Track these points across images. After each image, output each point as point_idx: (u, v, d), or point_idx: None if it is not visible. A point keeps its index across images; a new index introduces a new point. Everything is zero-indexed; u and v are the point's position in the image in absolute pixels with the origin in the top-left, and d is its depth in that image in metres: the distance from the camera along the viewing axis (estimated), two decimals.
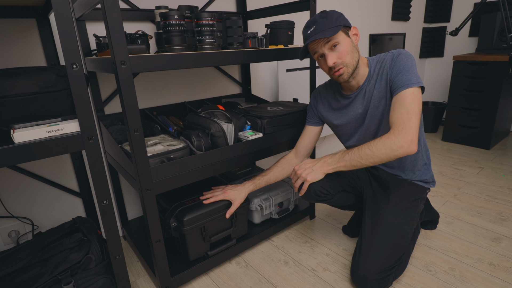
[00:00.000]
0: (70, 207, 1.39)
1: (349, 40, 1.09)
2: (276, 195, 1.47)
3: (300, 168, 1.14)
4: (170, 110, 1.54)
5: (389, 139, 0.99)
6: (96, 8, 1.23)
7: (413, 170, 1.25)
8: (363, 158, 1.03)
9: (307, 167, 1.13)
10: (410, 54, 1.08)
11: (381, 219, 1.16)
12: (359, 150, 1.04)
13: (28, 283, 0.89)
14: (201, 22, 1.06)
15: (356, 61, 1.11)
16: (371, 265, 1.08)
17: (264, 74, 1.97)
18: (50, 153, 0.77)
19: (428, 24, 3.18)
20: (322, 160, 1.12)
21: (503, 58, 2.24)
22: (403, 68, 1.05)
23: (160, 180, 1.02)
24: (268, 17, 1.57)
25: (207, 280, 1.24)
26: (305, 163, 1.14)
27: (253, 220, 1.47)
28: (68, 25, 0.72)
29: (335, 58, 1.08)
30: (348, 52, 1.08)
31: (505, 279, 1.17)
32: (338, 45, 1.06)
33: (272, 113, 1.38)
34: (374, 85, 1.14)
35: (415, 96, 1.01)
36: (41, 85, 0.84)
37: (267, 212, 1.46)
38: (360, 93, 1.18)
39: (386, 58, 1.12)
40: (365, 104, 1.18)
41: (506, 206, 1.66)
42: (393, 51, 1.11)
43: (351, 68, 1.10)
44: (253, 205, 1.40)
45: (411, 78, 1.03)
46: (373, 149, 1.01)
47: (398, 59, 1.08)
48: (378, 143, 1.01)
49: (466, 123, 2.54)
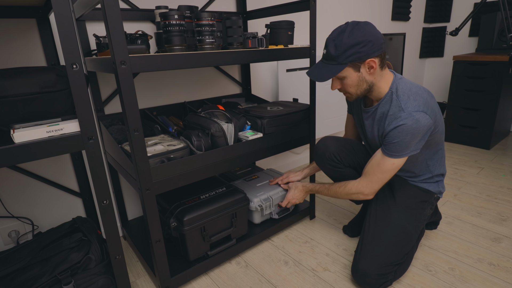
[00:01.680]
0: (70, 207, 1.39)
1: (357, 74, 1.05)
2: (276, 195, 1.47)
3: (291, 197, 1.42)
4: (170, 110, 1.54)
5: (354, 193, 1.20)
6: (96, 8, 1.23)
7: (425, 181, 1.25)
8: (336, 195, 1.27)
9: (296, 196, 1.42)
10: (412, 128, 1.00)
11: (385, 216, 1.17)
12: (334, 188, 1.27)
13: (28, 283, 0.89)
14: (201, 22, 1.06)
15: (363, 90, 1.10)
16: (372, 260, 1.09)
17: (264, 74, 1.97)
18: (50, 153, 0.77)
19: (428, 24, 3.18)
20: (303, 191, 1.42)
21: (503, 58, 2.24)
22: (396, 143, 1.04)
23: (160, 180, 1.02)
24: (268, 17, 1.57)
25: (207, 280, 1.24)
26: (294, 193, 1.43)
27: (253, 220, 1.46)
28: (68, 25, 0.72)
29: (338, 86, 1.10)
30: (352, 86, 1.08)
31: (505, 279, 1.17)
32: (343, 78, 1.07)
33: (272, 113, 1.38)
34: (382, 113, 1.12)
35: (394, 168, 1.10)
36: (41, 85, 0.84)
37: (267, 212, 1.46)
38: (368, 113, 1.19)
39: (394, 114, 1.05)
40: (371, 132, 1.21)
41: (506, 206, 1.65)
42: (404, 115, 1.02)
43: (355, 96, 1.12)
44: (253, 205, 1.39)
45: (396, 151, 1.06)
46: (342, 194, 1.24)
47: (396, 132, 1.02)
48: (345, 192, 1.22)
49: (466, 123, 2.54)
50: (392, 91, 1.09)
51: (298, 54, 1.32)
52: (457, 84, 2.53)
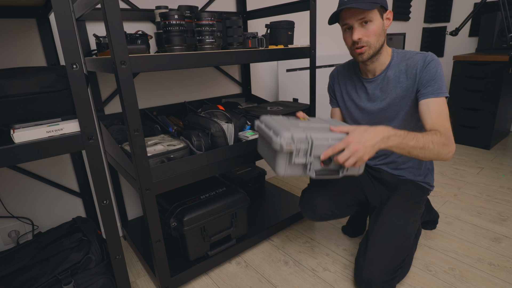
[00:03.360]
0: (70, 207, 1.39)
1: (381, 21, 1.07)
2: (321, 141, 0.90)
3: (357, 143, 0.87)
4: (170, 110, 1.54)
5: (445, 142, 0.98)
6: (96, 8, 1.23)
7: (417, 173, 1.25)
8: (423, 148, 0.95)
9: (366, 141, 0.88)
10: (440, 62, 1.06)
11: (385, 220, 1.14)
12: (424, 138, 0.96)
13: (28, 283, 0.89)
14: (201, 22, 1.06)
15: (380, 44, 1.09)
16: (376, 267, 1.06)
17: (264, 74, 1.97)
18: (50, 153, 0.77)
19: (428, 24, 3.18)
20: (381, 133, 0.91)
21: (503, 58, 2.24)
22: (437, 75, 1.04)
23: (160, 180, 1.02)
24: (268, 17, 1.57)
25: (207, 280, 1.24)
26: (361, 135, 0.89)
27: (275, 168, 0.93)
28: (68, 25, 0.72)
29: (361, 34, 1.06)
30: (376, 34, 1.06)
31: (505, 279, 1.17)
32: (369, 23, 1.05)
33: (272, 113, 1.38)
34: (397, 81, 1.12)
35: (446, 106, 1.05)
36: (41, 85, 0.84)
37: (300, 161, 0.90)
38: (375, 82, 1.17)
39: (415, 58, 1.09)
40: (384, 100, 1.16)
41: (506, 206, 1.65)
42: (424, 53, 1.08)
43: (373, 50, 1.08)
44: (278, 141, 0.87)
45: (443, 86, 1.04)
46: (435, 143, 0.96)
47: (432, 65, 1.05)
48: (439, 142, 0.97)
49: (466, 123, 2.54)
50: (395, 55, 1.14)
51: (298, 54, 1.32)
52: (457, 84, 2.53)
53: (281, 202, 1.67)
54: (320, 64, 2.12)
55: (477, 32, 2.86)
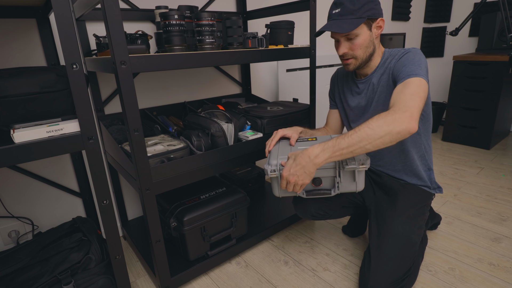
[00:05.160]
0: (70, 207, 1.39)
1: (369, 33, 1.06)
2: None
3: (291, 175, 0.93)
4: (170, 110, 1.54)
5: (389, 114, 0.87)
6: (96, 8, 1.23)
7: (418, 174, 1.20)
8: (363, 139, 0.86)
9: (297, 170, 0.92)
10: (421, 52, 1.03)
11: (389, 229, 1.11)
12: (356, 131, 0.88)
13: (28, 283, 0.89)
14: (201, 22, 1.06)
15: (368, 55, 1.09)
16: (381, 278, 1.03)
17: (264, 74, 1.97)
18: (50, 153, 0.77)
19: (428, 24, 3.18)
20: (310, 155, 0.91)
21: (503, 58, 2.24)
22: (409, 61, 1.00)
23: (160, 180, 1.02)
24: (268, 17, 1.57)
25: (207, 280, 1.24)
26: (291, 166, 0.93)
27: (273, 192, 1.04)
28: (68, 25, 0.72)
29: (346, 49, 1.07)
30: (362, 47, 1.06)
31: (505, 279, 1.17)
32: (355, 37, 1.05)
33: (272, 113, 1.38)
34: (379, 78, 1.13)
35: (421, 84, 0.92)
36: (41, 85, 0.84)
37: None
38: (366, 82, 1.17)
39: (397, 54, 1.08)
40: (369, 96, 1.17)
41: (506, 206, 1.65)
42: (407, 49, 1.07)
43: (359, 61, 1.09)
44: (269, 168, 0.98)
45: (416, 69, 0.96)
46: (373, 126, 0.86)
47: (406, 56, 1.04)
48: (378, 119, 0.87)
49: (466, 123, 2.54)
50: (383, 57, 1.13)
51: (298, 54, 1.32)
52: (457, 84, 2.53)
53: (281, 202, 1.67)
54: (320, 64, 2.13)
55: (477, 32, 2.86)
